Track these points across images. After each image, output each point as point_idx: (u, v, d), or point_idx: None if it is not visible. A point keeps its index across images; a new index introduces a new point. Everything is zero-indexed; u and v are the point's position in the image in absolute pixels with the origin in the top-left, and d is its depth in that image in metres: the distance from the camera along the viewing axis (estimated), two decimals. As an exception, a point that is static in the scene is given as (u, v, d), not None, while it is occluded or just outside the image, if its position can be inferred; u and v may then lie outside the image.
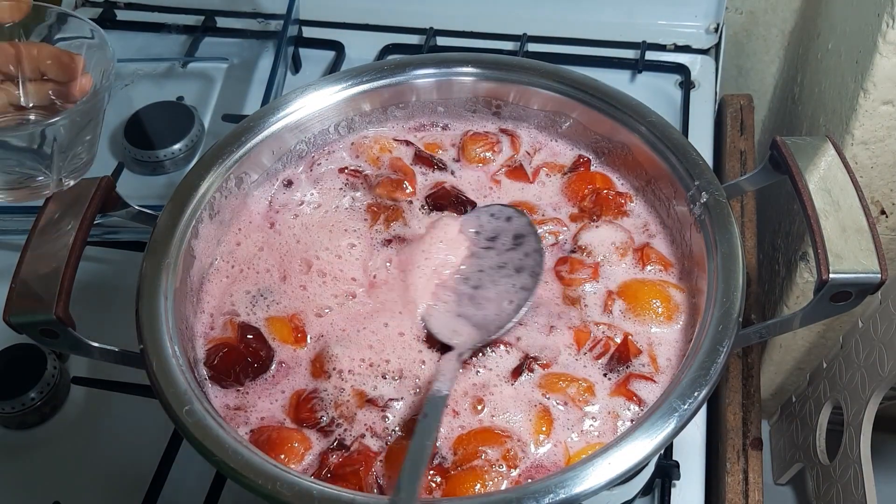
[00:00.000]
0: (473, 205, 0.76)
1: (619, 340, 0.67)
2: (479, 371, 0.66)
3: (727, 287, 0.62)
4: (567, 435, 0.62)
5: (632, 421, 0.63)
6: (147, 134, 1.06)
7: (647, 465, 0.56)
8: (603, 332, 0.67)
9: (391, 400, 0.64)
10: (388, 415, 0.63)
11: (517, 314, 0.65)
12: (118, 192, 0.69)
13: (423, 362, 0.66)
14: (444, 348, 0.66)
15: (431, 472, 0.60)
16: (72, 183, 0.67)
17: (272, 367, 0.67)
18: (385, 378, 0.65)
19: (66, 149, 0.65)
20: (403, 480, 0.52)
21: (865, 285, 0.58)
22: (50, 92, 0.69)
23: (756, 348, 0.96)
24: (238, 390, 0.65)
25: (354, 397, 0.64)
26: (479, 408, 0.64)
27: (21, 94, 0.69)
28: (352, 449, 0.62)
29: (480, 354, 0.66)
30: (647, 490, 0.79)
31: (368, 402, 0.64)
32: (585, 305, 0.69)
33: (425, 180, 0.79)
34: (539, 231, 0.74)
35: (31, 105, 0.69)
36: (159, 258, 0.65)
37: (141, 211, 0.70)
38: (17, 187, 0.67)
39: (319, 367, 0.66)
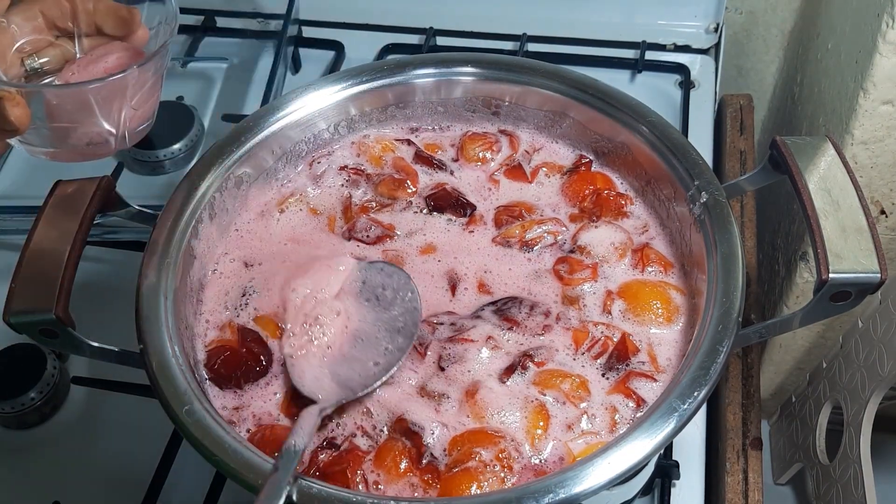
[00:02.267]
0: (473, 207, 0.76)
1: (617, 340, 0.67)
2: (469, 370, 0.66)
3: (727, 287, 0.62)
4: (564, 433, 0.62)
5: (631, 419, 0.63)
6: (147, 134, 1.06)
7: (646, 464, 0.56)
8: (602, 332, 0.67)
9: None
10: (372, 405, 0.64)
11: (385, 375, 0.64)
12: (118, 191, 0.68)
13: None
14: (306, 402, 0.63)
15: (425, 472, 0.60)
16: (133, 142, 0.66)
17: (271, 371, 0.67)
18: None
19: (131, 105, 0.64)
20: None
21: (865, 285, 0.58)
22: None
23: (756, 348, 0.96)
24: (236, 391, 0.66)
25: None
26: (473, 406, 0.63)
27: (77, 51, 0.67)
28: (342, 448, 0.62)
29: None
30: (646, 490, 0.79)
31: None
32: (584, 305, 0.70)
33: (430, 180, 0.79)
34: (537, 231, 0.74)
35: None
36: (159, 258, 0.65)
37: (141, 211, 0.70)
38: (80, 146, 0.65)
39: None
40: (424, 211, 0.77)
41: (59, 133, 0.63)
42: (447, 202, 0.76)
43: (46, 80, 0.66)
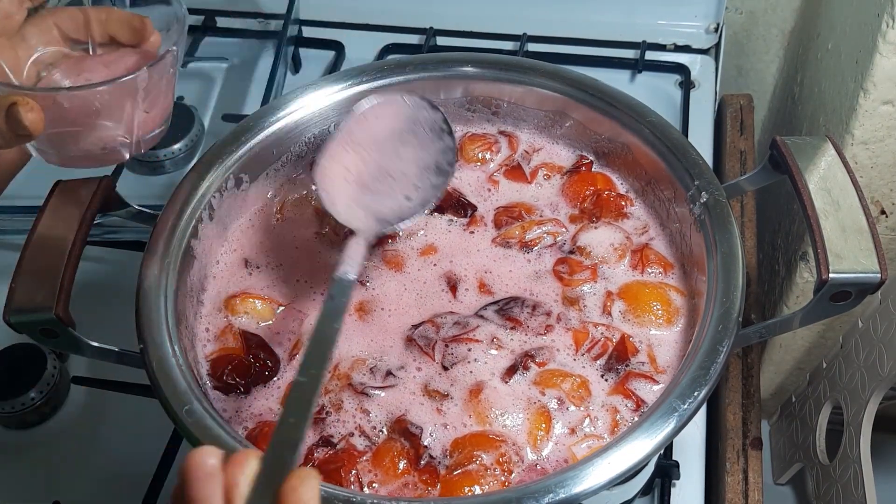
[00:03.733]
0: (474, 208, 0.76)
1: (616, 341, 0.67)
2: (472, 371, 0.66)
3: (727, 287, 0.62)
4: (567, 437, 0.63)
5: (631, 421, 0.63)
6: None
7: (646, 464, 0.56)
8: (602, 333, 0.67)
9: (371, 388, 0.65)
10: (371, 406, 0.64)
11: (421, 210, 0.64)
12: (118, 191, 0.69)
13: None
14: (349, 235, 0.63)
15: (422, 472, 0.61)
16: (147, 147, 0.66)
17: (280, 373, 0.67)
18: (372, 371, 0.66)
19: (143, 108, 0.64)
20: (308, 358, 0.51)
21: (865, 285, 0.58)
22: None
23: (756, 348, 0.96)
24: (241, 395, 0.66)
25: (339, 381, 0.65)
26: (476, 406, 0.64)
27: None
28: (338, 447, 0.62)
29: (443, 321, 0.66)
30: (646, 490, 0.79)
31: (350, 385, 0.65)
32: (585, 306, 0.70)
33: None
34: (537, 231, 0.74)
35: None
36: (159, 258, 0.66)
37: (141, 211, 0.70)
38: (94, 151, 0.65)
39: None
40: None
41: (72, 138, 0.63)
42: (448, 203, 0.76)
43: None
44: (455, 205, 0.76)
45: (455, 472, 0.60)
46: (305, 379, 0.49)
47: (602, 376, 0.66)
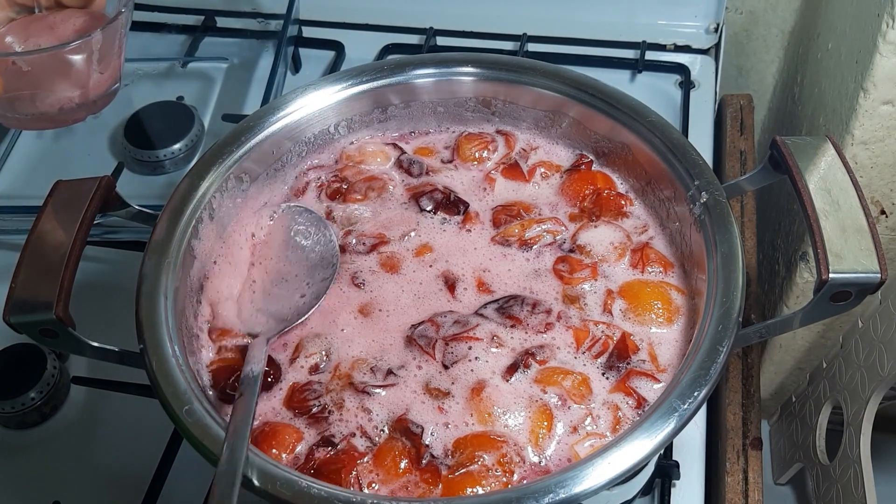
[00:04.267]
0: (466, 205, 0.76)
1: (617, 339, 0.67)
2: (473, 369, 0.66)
3: (727, 287, 0.62)
4: (570, 436, 0.62)
5: (632, 419, 0.63)
6: (147, 134, 1.06)
7: (646, 464, 0.56)
8: (602, 332, 0.67)
9: (372, 386, 0.65)
10: (372, 405, 0.64)
11: (315, 304, 0.69)
12: (118, 191, 0.68)
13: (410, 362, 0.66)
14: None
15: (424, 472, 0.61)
16: (102, 106, 0.67)
17: (281, 380, 0.67)
18: (373, 370, 0.66)
19: (96, 68, 0.64)
20: (225, 451, 0.54)
21: (865, 285, 0.58)
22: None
23: (756, 348, 0.96)
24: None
25: (341, 380, 0.65)
26: (479, 404, 0.64)
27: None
28: (339, 448, 0.62)
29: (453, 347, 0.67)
30: (646, 490, 0.79)
31: (351, 384, 0.65)
32: (585, 304, 0.70)
33: (416, 182, 0.79)
34: (537, 230, 0.74)
35: None
36: (159, 258, 0.65)
37: (141, 211, 0.70)
38: (51, 113, 0.66)
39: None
40: (411, 207, 0.76)
41: (30, 101, 0.64)
42: (439, 202, 0.76)
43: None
44: (446, 203, 0.76)
45: (457, 473, 0.60)
46: (227, 465, 0.53)
47: (603, 374, 0.66)
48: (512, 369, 0.65)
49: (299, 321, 0.68)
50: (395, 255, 0.74)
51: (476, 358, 0.66)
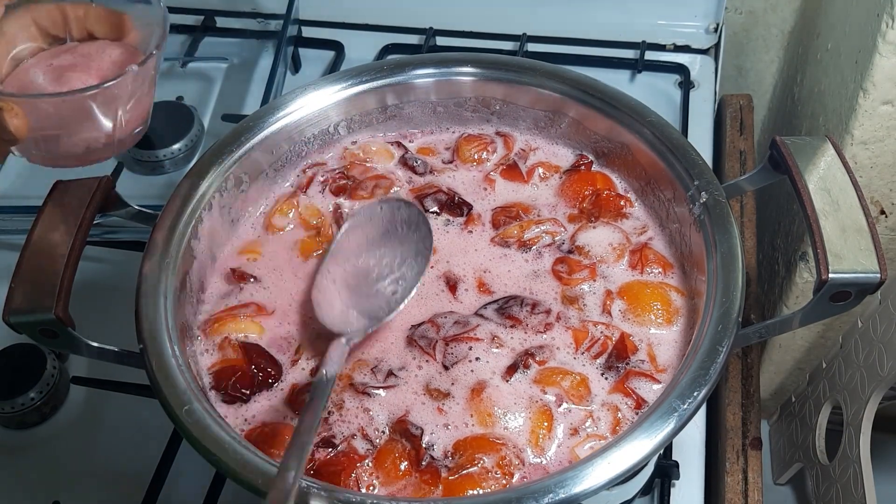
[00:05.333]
0: (470, 206, 0.76)
1: (616, 339, 0.67)
2: (473, 370, 0.66)
3: (727, 287, 0.62)
4: (568, 437, 0.62)
5: (632, 420, 0.63)
6: (147, 134, 1.06)
7: (646, 464, 0.56)
8: (601, 332, 0.67)
9: (373, 387, 0.65)
10: (373, 406, 0.64)
11: (405, 299, 0.67)
12: (118, 191, 0.69)
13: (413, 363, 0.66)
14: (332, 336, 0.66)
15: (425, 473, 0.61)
16: (129, 146, 0.66)
17: (282, 379, 0.67)
18: (373, 371, 0.66)
19: (125, 111, 0.64)
20: (292, 455, 0.52)
21: (865, 285, 0.58)
22: None
23: (756, 348, 0.96)
24: (245, 403, 0.66)
25: (341, 381, 0.65)
26: (479, 405, 0.64)
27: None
28: (339, 449, 0.62)
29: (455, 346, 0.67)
30: (646, 490, 0.79)
31: (352, 385, 0.65)
32: (584, 305, 0.70)
33: (422, 181, 0.79)
34: (536, 231, 0.74)
35: None
36: (159, 258, 0.65)
37: (141, 211, 0.70)
38: (77, 152, 0.65)
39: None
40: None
41: (56, 140, 0.63)
42: (444, 203, 0.76)
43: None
44: (450, 204, 0.76)
45: (457, 475, 0.60)
46: (285, 472, 0.51)
47: (602, 375, 0.66)
48: (512, 370, 0.65)
49: (392, 315, 0.66)
50: None
51: (476, 359, 0.66)
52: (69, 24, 0.66)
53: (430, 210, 0.76)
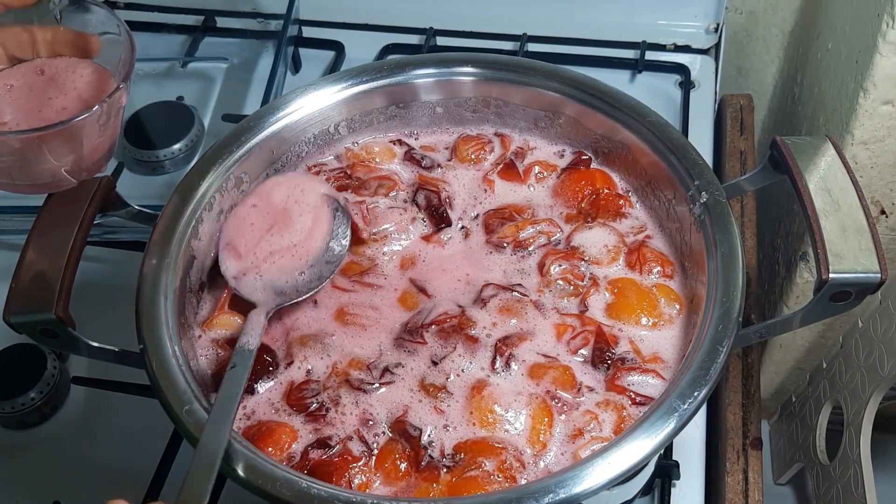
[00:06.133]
0: (449, 223, 0.76)
1: (615, 339, 0.67)
2: (463, 368, 0.66)
3: (727, 287, 0.62)
4: (568, 439, 0.62)
5: (632, 420, 0.63)
6: (147, 134, 1.06)
7: (646, 464, 0.56)
8: (597, 330, 0.67)
9: (369, 384, 0.65)
10: (372, 403, 0.64)
11: (318, 283, 0.68)
12: (118, 191, 0.69)
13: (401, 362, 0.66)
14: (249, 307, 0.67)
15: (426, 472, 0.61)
16: (94, 174, 0.67)
17: (280, 377, 0.67)
18: (369, 368, 0.66)
19: (90, 142, 0.64)
20: (211, 421, 0.54)
21: (865, 285, 0.58)
22: None
23: (756, 348, 0.96)
24: (246, 396, 0.66)
25: (337, 377, 0.65)
26: (476, 405, 0.64)
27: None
28: (334, 450, 0.62)
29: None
30: (646, 490, 0.79)
31: (347, 381, 0.65)
32: (573, 301, 0.70)
33: (427, 174, 0.79)
34: (531, 231, 0.74)
35: None
36: (159, 258, 0.65)
37: (141, 211, 0.70)
38: (42, 181, 0.66)
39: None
40: (409, 210, 0.76)
41: (22, 170, 0.64)
42: (429, 204, 0.76)
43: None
44: (433, 210, 0.76)
45: (458, 478, 0.60)
46: (209, 442, 0.53)
47: (602, 374, 0.65)
48: (504, 362, 0.65)
49: (299, 298, 0.67)
50: (376, 264, 0.74)
51: (465, 354, 0.66)
52: (37, 47, 0.67)
53: (417, 201, 0.76)
